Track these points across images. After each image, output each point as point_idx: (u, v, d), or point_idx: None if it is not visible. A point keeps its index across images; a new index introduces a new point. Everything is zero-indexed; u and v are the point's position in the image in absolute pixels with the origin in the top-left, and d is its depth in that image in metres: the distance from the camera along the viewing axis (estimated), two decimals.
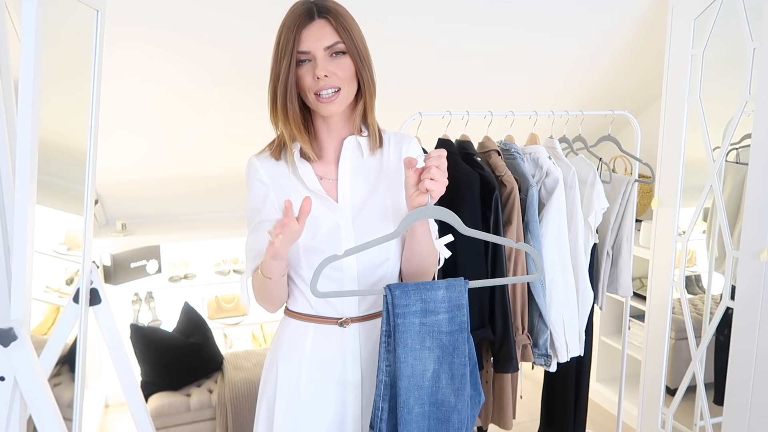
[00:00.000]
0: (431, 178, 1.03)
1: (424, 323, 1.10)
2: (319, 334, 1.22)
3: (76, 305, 1.47)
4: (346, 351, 1.22)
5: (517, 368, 1.82)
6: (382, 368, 1.12)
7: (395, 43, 2.27)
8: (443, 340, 1.11)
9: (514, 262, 1.85)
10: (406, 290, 1.09)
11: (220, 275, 3.47)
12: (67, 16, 1.48)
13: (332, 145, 1.22)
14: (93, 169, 1.48)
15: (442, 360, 1.12)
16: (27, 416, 1.11)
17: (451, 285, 1.11)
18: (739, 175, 2.29)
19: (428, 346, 1.11)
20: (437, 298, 1.10)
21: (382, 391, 1.12)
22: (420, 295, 1.10)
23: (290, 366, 1.23)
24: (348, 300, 1.20)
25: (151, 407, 2.54)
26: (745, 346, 1.96)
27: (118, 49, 2.03)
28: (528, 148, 1.96)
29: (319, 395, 1.22)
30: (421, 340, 1.10)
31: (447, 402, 1.12)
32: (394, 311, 1.09)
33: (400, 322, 1.09)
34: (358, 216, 1.20)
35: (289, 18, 1.11)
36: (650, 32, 2.49)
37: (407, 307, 1.09)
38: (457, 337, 1.12)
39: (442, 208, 1.07)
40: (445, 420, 1.13)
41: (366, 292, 1.16)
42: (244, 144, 2.03)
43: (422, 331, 1.10)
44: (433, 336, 1.11)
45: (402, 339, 1.09)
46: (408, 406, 1.10)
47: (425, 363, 1.11)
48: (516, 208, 1.80)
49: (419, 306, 1.10)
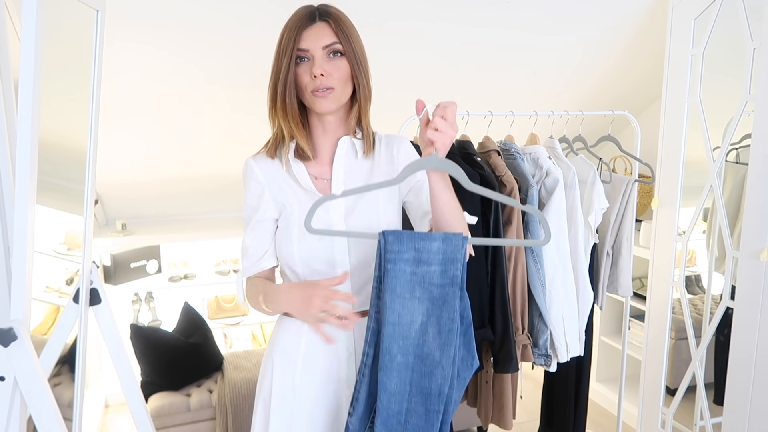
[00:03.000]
0: (435, 128, 1.04)
1: (415, 272, 1.08)
2: (313, 332, 1.23)
3: (76, 305, 1.47)
4: (340, 348, 1.23)
5: (517, 368, 1.82)
6: (371, 314, 1.11)
7: (395, 44, 2.27)
8: (434, 292, 1.09)
9: (514, 262, 1.85)
10: (400, 237, 1.08)
11: (220, 275, 3.47)
12: (67, 16, 1.48)
13: (327, 146, 1.25)
14: (93, 169, 1.48)
15: (431, 313, 1.09)
16: (27, 416, 1.11)
17: (448, 238, 1.08)
18: (739, 175, 2.29)
19: (418, 296, 1.09)
20: (431, 249, 1.08)
21: (369, 338, 1.11)
22: (414, 244, 1.08)
23: (285, 364, 1.25)
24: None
25: (151, 407, 2.54)
26: (745, 346, 1.96)
27: (119, 49, 2.03)
28: (528, 148, 1.96)
29: (314, 393, 1.24)
30: (411, 289, 1.08)
31: (432, 356, 1.10)
32: (386, 256, 1.07)
33: (390, 267, 1.07)
34: (351, 214, 1.22)
35: (291, 20, 1.16)
36: (650, 32, 2.49)
37: (399, 253, 1.07)
38: (448, 291, 1.09)
39: (446, 160, 1.05)
40: (428, 374, 1.11)
41: (360, 235, 1.14)
42: (244, 144, 2.03)
43: (413, 281, 1.08)
44: (424, 287, 1.09)
45: (390, 285, 1.07)
46: (390, 353, 1.08)
47: (413, 313, 1.09)
48: (516, 208, 1.80)
49: (411, 254, 1.07)
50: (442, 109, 1.05)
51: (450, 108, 1.05)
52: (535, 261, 1.85)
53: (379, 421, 1.10)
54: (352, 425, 1.14)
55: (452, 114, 1.05)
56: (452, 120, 1.05)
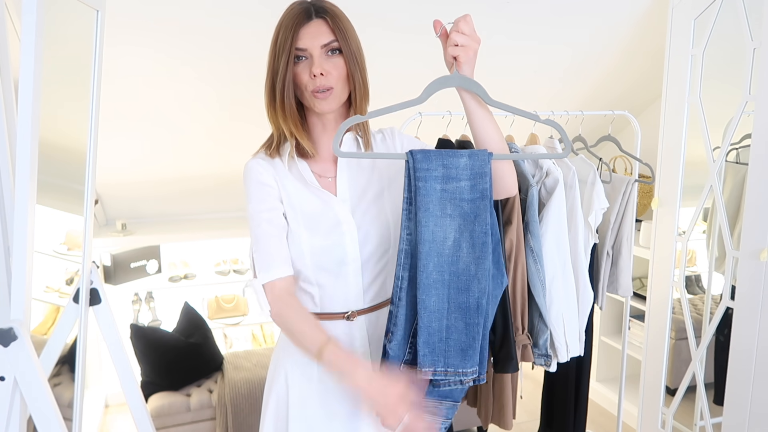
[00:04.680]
0: (456, 44, 1.03)
1: (445, 189, 1.08)
2: (327, 331, 1.21)
3: (76, 305, 1.47)
4: (355, 343, 1.23)
5: (517, 368, 1.82)
6: (403, 237, 1.11)
7: (395, 42, 2.27)
8: (464, 208, 1.09)
9: (514, 262, 1.84)
10: (428, 155, 1.08)
11: (220, 275, 3.47)
12: (67, 16, 1.48)
13: (327, 143, 1.23)
14: (93, 169, 1.47)
15: (463, 228, 1.10)
16: (27, 416, 1.11)
17: (474, 154, 1.10)
18: (739, 175, 2.29)
19: (449, 213, 1.09)
20: (459, 165, 1.09)
21: (402, 260, 1.11)
22: (442, 161, 1.08)
23: (302, 367, 1.24)
24: (353, 294, 1.22)
25: (151, 407, 2.54)
26: (745, 346, 1.96)
27: (119, 50, 2.03)
28: (528, 148, 1.96)
29: (332, 390, 1.23)
30: (442, 206, 1.08)
31: (468, 270, 1.10)
32: (416, 175, 1.08)
33: (421, 185, 1.08)
34: (357, 208, 1.21)
35: (287, 17, 1.13)
36: (650, 32, 2.49)
37: (428, 171, 1.08)
38: (479, 205, 1.10)
39: (464, 77, 1.07)
40: (465, 289, 1.11)
41: (387, 156, 1.18)
42: (244, 143, 2.02)
43: (443, 198, 1.09)
44: (455, 203, 1.09)
45: (423, 203, 1.08)
46: (427, 270, 1.09)
47: (446, 230, 1.09)
48: (516, 208, 1.80)
49: (441, 171, 1.08)
50: (456, 25, 1.04)
51: (464, 20, 1.04)
52: (535, 261, 1.85)
53: (421, 340, 1.10)
54: (391, 351, 1.13)
55: (468, 26, 1.04)
56: (470, 32, 1.04)
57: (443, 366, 1.11)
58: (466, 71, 1.07)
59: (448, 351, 1.11)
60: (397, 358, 1.13)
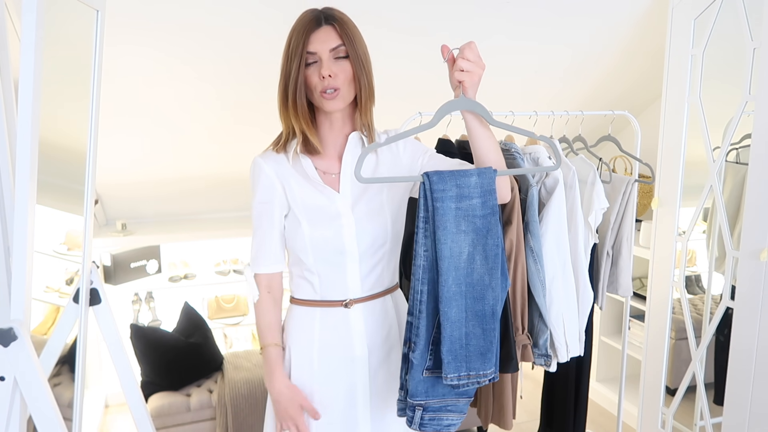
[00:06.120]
0: (461, 69, 1.10)
1: (459, 207, 1.16)
2: (325, 318, 1.32)
3: (76, 305, 1.47)
4: (353, 330, 1.32)
5: (517, 368, 1.82)
6: (420, 253, 1.18)
7: (395, 42, 2.27)
8: (477, 224, 1.17)
9: (514, 262, 1.84)
10: (442, 176, 1.15)
11: (220, 275, 3.47)
12: (67, 16, 1.48)
13: (333, 141, 1.31)
14: (93, 169, 1.48)
15: (476, 242, 1.18)
16: (27, 416, 1.11)
17: (482, 172, 1.18)
18: (739, 175, 2.29)
19: (463, 229, 1.17)
20: (470, 184, 1.16)
21: (420, 275, 1.19)
22: (455, 181, 1.16)
23: (302, 350, 1.33)
24: (352, 282, 1.31)
25: (151, 407, 2.54)
26: (745, 346, 1.96)
27: (119, 50, 2.03)
28: (528, 148, 1.96)
29: (330, 374, 1.32)
30: (457, 223, 1.16)
31: (482, 281, 1.19)
32: (433, 196, 1.15)
33: (439, 206, 1.15)
34: (356, 205, 1.29)
35: (299, 24, 1.22)
36: (650, 32, 2.49)
37: (444, 192, 1.15)
38: (490, 220, 1.18)
39: (470, 100, 1.13)
40: (480, 298, 1.20)
41: (402, 179, 1.22)
42: (245, 143, 2.03)
43: (458, 215, 1.16)
44: (468, 219, 1.17)
45: (441, 222, 1.15)
46: (447, 284, 1.17)
47: (461, 245, 1.17)
48: (516, 208, 1.79)
49: (455, 191, 1.16)
50: (462, 52, 1.11)
51: (468, 47, 1.10)
52: (535, 261, 1.85)
53: (445, 349, 1.18)
54: (415, 359, 1.21)
55: (473, 53, 1.10)
56: (475, 58, 1.10)
57: (466, 371, 1.20)
58: (470, 95, 1.14)
59: (470, 356, 1.20)
60: (420, 366, 1.21)
